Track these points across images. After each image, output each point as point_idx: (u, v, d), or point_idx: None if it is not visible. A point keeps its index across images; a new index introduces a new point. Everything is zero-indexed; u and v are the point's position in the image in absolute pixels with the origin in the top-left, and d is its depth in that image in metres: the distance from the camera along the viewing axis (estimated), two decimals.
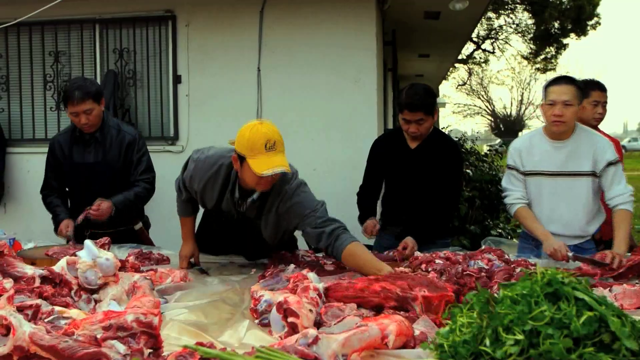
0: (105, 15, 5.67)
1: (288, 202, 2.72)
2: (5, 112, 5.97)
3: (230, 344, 1.74)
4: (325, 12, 5.25)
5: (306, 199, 2.75)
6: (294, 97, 5.25)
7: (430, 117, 3.34)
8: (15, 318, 1.34)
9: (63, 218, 3.46)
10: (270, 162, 2.54)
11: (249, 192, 2.74)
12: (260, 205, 2.78)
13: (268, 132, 2.56)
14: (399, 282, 2.04)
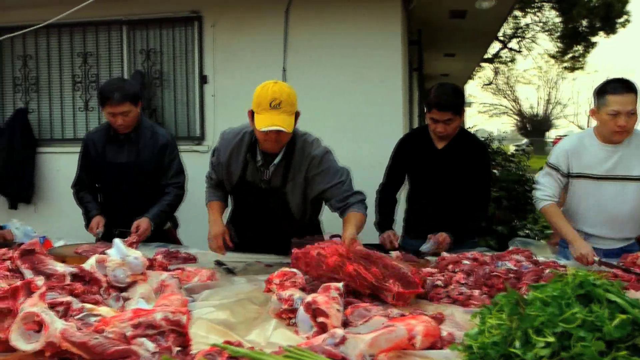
0: (132, 17, 5.73)
1: (317, 168, 2.90)
2: (35, 113, 6.07)
3: (257, 343, 1.74)
4: (350, 11, 5.25)
5: (334, 168, 2.96)
6: (319, 96, 5.25)
7: (458, 117, 3.32)
8: (47, 315, 1.36)
9: (94, 215, 3.51)
10: (271, 120, 2.67)
11: (271, 158, 2.90)
12: (284, 172, 2.92)
13: (277, 92, 2.70)
14: (373, 270, 2.18)
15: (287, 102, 2.71)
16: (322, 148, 2.97)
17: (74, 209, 3.83)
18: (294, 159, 2.91)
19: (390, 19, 5.20)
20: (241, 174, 3.00)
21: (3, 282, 1.79)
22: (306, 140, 2.96)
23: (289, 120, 2.72)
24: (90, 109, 5.93)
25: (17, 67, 6.14)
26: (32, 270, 1.91)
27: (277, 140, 2.80)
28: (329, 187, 2.93)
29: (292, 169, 2.92)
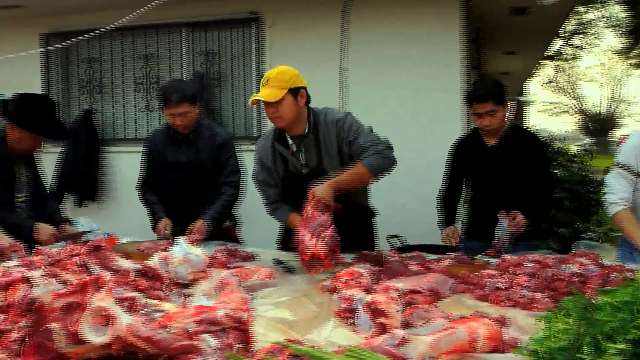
0: (192, 19, 5.84)
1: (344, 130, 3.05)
2: (100, 113, 6.26)
3: (316, 342, 1.75)
4: (408, 9, 5.21)
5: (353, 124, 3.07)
6: (376, 96, 5.23)
7: (501, 106, 3.27)
8: (115, 310, 1.39)
9: (161, 217, 3.60)
10: (258, 94, 2.98)
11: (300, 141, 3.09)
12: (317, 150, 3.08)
13: (268, 72, 3.01)
14: None
15: (275, 78, 2.97)
16: (342, 112, 3.16)
17: (135, 207, 3.94)
18: (320, 132, 3.09)
19: (448, 16, 5.14)
20: (284, 167, 3.15)
21: (72, 276, 1.85)
22: (327, 112, 3.16)
23: (273, 92, 2.94)
24: (151, 109, 6.08)
25: (82, 70, 6.35)
26: (99, 266, 1.97)
27: (276, 116, 3.00)
28: (353, 141, 3.03)
29: (322, 143, 3.08)
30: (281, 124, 3.06)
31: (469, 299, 2.24)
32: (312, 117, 3.13)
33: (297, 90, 3.02)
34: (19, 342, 1.57)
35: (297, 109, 3.04)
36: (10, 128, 3.30)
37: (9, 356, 1.50)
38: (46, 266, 1.95)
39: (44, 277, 1.79)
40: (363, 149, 2.98)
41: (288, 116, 3.02)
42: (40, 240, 3.18)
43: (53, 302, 1.46)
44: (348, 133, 3.05)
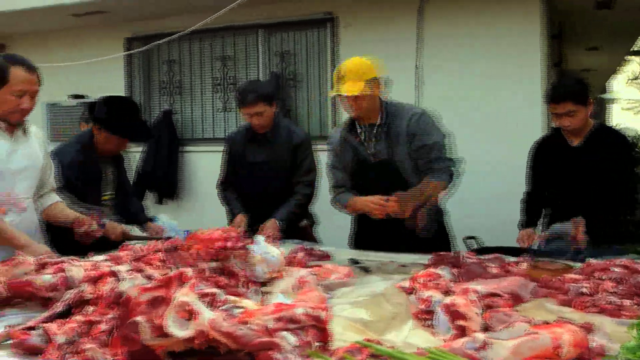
0: (268, 21, 5.92)
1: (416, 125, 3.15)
2: (179, 114, 6.44)
3: (393, 342, 1.73)
4: (486, 5, 5.10)
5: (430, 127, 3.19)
6: (454, 95, 5.14)
7: (582, 107, 3.13)
8: (198, 305, 1.43)
9: (238, 213, 3.68)
10: (335, 89, 3.11)
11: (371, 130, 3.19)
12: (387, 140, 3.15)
13: (344, 66, 3.13)
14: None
15: (351, 71, 3.08)
16: (419, 109, 3.26)
17: (213, 205, 4.03)
18: (392, 124, 3.17)
19: (529, 11, 5.00)
20: (352, 154, 3.26)
21: (156, 271, 1.92)
22: (403, 106, 3.27)
23: (352, 85, 3.04)
24: (228, 109, 6.21)
25: (163, 72, 6.56)
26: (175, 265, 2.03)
27: (357, 107, 3.13)
28: (421, 145, 3.15)
29: (393, 135, 3.16)
30: (358, 114, 3.17)
31: (551, 304, 2.17)
32: (386, 107, 3.21)
33: (373, 80, 3.11)
34: (108, 333, 1.63)
35: (374, 99, 3.14)
36: (97, 129, 3.44)
37: (98, 346, 1.56)
38: (132, 261, 2.03)
39: (130, 271, 1.86)
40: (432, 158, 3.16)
41: (366, 107, 3.13)
42: (111, 238, 3.31)
43: (139, 296, 1.51)
44: (420, 132, 3.14)
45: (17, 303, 2.05)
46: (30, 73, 2.77)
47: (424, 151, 3.16)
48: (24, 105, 2.77)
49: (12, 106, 2.75)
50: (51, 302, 1.98)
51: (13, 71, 2.73)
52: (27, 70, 2.77)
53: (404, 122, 3.17)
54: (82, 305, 1.85)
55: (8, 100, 2.74)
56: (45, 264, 2.14)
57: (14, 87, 2.72)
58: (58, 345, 1.59)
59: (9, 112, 2.78)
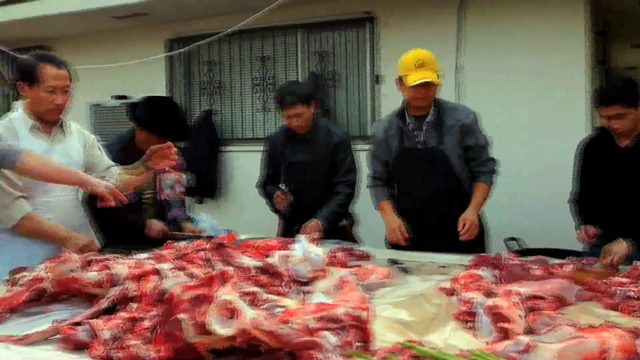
0: (307, 21, 5.94)
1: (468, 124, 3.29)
2: (219, 114, 6.51)
3: (435, 344, 1.72)
4: (528, 2, 5.00)
5: (479, 130, 3.36)
6: (495, 95, 5.06)
7: (632, 108, 3.02)
8: (240, 303, 1.44)
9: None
10: (419, 75, 3.16)
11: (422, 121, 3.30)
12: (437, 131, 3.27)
13: (419, 54, 3.25)
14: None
15: (430, 61, 3.22)
16: (471, 113, 3.36)
17: (253, 204, 4.06)
18: (444, 117, 3.29)
19: (573, 8, 4.88)
20: (399, 141, 3.35)
21: (198, 270, 1.94)
22: (455, 105, 3.46)
23: (433, 74, 3.18)
24: (267, 110, 6.24)
25: (203, 72, 6.63)
26: (222, 262, 2.05)
27: (427, 96, 3.24)
28: (474, 145, 3.32)
29: (444, 127, 3.28)
30: (423, 104, 3.28)
31: (597, 308, 2.12)
32: (437, 103, 3.34)
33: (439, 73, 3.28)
34: (151, 330, 1.66)
35: (435, 91, 3.29)
36: (139, 129, 3.51)
37: (142, 342, 1.59)
38: (174, 259, 2.05)
39: (172, 269, 1.89)
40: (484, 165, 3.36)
41: (430, 97, 3.27)
42: (151, 236, 3.37)
43: (182, 294, 1.53)
44: (473, 131, 3.30)
45: (63, 299, 2.10)
46: (59, 68, 2.84)
47: (476, 152, 3.33)
48: (57, 101, 2.84)
49: (47, 104, 2.83)
50: (96, 299, 2.03)
51: (43, 69, 2.80)
52: (57, 66, 2.84)
53: (458, 119, 3.29)
54: (127, 302, 1.89)
55: (42, 98, 2.82)
56: (91, 261, 2.19)
57: (45, 83, 2.80)
58: (104, 340, 1.63)
59: (45, 111, 2.86)
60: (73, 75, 2.94)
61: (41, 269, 2.14)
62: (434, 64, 3.23)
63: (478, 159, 3.36)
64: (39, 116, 2.89)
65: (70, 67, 2.92)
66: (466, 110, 3.40)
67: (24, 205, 2.79)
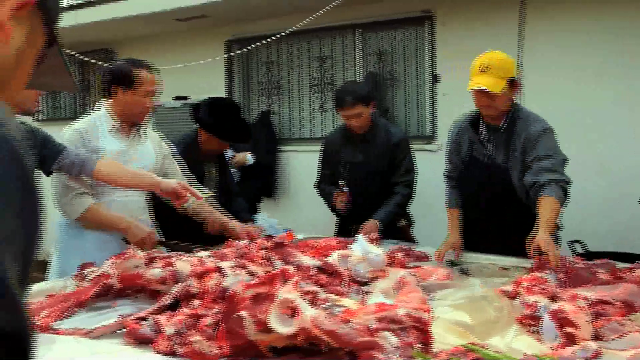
0: (365, 20, 5.92)
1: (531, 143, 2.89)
2: (277, 114, 6.57)
3: (497, 348, 1.69)
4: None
5: (546, 144, 2.89)
6: (560, 93, 4.91)
7: None
8: (300, 302, 1.45)
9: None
10: (477, 80, 2.85)
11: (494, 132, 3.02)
12: (505, 146, 2.98)
13: (486, 58, 2.89)
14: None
15: (496, 66, 2.84)
16: (543, 125, 2.97)
17: (310, 204, 4.08)
18: (515, 133, 2.96)
19: (638, 4, 4.70)
20: (468, 148, 3.12)
21: (258, 269, 1.96)
22: (530, 116, 3.01)
23: (495, 82, 2.82)
24: (325, 109, 6.25)
25: (261, 73, 6.70)
26: (282, 261, 2.07)
27: (491, 106, 2.92)
28: (531, 159, 2.90)
29: (512, 144, 2.97)
30: (491, 114, 2.99)
31: None
32: (512, 112, 3.01)
33: (514, 81, 2.93)
34: (213, 327, 1.69)
35: (508, 100, 2.96)
36: (201, 130, 3.58)
37: (204, 338, 1.62)
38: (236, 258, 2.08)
39: (233, 267, 1.91)
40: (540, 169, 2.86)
41: (502, 108, 2.96)
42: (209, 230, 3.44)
43: (244, 292, 1.56)
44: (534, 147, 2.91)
45: (129, 294, 2.16)
46: (153, 74, 2.96)
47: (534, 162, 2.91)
48: (149, 104, 2.97)
49: (140, 107, 2.95)
50: (160, 295, 2.08)
51: (140, 74, 2.91)
52: (150, 71, 2.96)
53: (522, 137, 2.95)
54: (189, 298, 1.93)
55: (136, 102, 2.95)
56: (155, 258, 2.24)
57: (141, 88, 2.92)
58: (168, 336, 1.66)
59: (137, 113, 2.98)
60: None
61: (108, 265, 2.21)
62: (502, 69, 2.86)
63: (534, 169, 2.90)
64: (128, 118, 3.01)
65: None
66: (535, 121, 2.98)
67: (86, 198, 2.89)
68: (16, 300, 0.56)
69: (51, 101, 8.37)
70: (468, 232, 3.15)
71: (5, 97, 0.75)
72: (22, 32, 0.72)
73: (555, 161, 2.87)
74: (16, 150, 0.58)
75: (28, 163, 0.60)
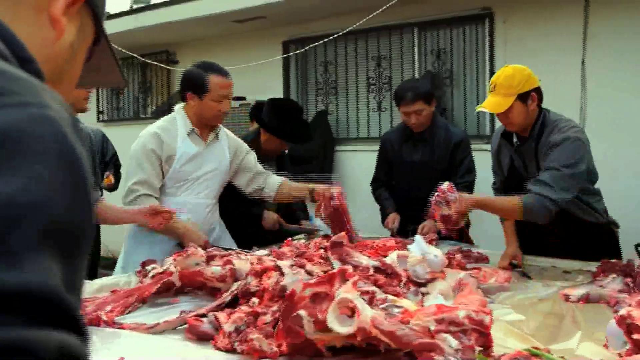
0: (423, 19, 5.85)
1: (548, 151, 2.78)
2: (334, 114, 6.57)
3: (561, 353, 1.64)
4: None
5: (562, 153, 2.71)
6: (623, 95, 4.74)
7: None
8: (360, 302, 1.45)
9: (391, 212, 3.71)
10: (485, 102, 2.84)
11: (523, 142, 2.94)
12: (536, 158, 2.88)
13: (495, 76, 2.85)
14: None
15: (502, 84, 2.79)
16: (565, 134, 2.76)
17: (367, 203, 4.06)
18: (540, 143, 2.87)
19: None
20: (510, 160, 3.06)
21: (317, 268, 1.97)
22: (557, 125, 2.86)
23: (498, 102, 2.78)
24: (383, 109, 6.22)
25: (319, 73, 6.72)
26: (339, 260, 2.07)
27: (508, 122, 2.86)
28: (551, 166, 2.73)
29: (539, 154, 2.89)
30: (512, 128, 2.93)
31: None
32: (540, 123, 2.88)
33: (527, 94, 2.80)
34: (272, 325, 1.71)
35: (528, 113, 2.83)
36: (263, 130, 3.63)
37: (263, 336, 1.63)
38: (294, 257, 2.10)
39: (292, 266, 1.93)
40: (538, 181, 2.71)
41: (518, 122, 2.86)
42: (266, 227, 3.47)
43: (303, 291, 1.56)
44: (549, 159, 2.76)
45: (189, 291, 2.21)
46: (226, 78, 3.00)
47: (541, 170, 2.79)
48: (224, 108, 3.00)
49: (214, 111, 2.99)
50: (219, 292, 2.11)
51: (212, 79, 2.95)
52: (223, 75, 2.99)
53: (547, 144, 2.82)
54: (248, 296, 1.95)
55: (210, 107, 2.99)
56: (214, 256, 2.28)
57: (214, 93, 2.95)
58: (228, 333, 1.69)
59: (211, 117, 3.02)
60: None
61: (170, 262, 2.25)
62: (507, 86, 2.77)
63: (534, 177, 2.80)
64: (205, 122, 3.06)
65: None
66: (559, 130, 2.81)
67: (147, 200, 2.95)
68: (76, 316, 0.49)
69: (115, 102, 8.61)
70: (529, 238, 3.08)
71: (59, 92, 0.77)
72: (74, 28, 0.73)
73: (557, 174, 2.68)
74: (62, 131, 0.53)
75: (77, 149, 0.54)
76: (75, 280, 0.51)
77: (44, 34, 0.70)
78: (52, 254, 0.48)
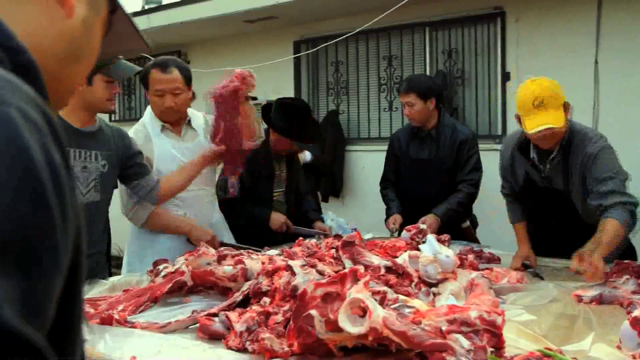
0: (434, 18, 5.84)
1: (590, 164, 2.72)
2: (345, 114, 6.57)
3: (574, 354, 1.63)
4: None
5: (607, 164, 2.72)
6: (637, 96, 4.70)
7: None
8: (371, 302, 1.44)
9: (394, 212, 3.70)
10: (538, 120, 2.62)
11: (546, 155, 2.83)
12: (564, 171, 2.80)
13: (536, 90, 2.64)
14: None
15: (549, 97, 2.64)
16: (599, 144, 2.77)
17: (377, 204, 4.05)
18: (570, 156, 2.79)
19: None
20: (525, 175, 2.97)
21: (328, 268, 1.97)
22: (586, 135, 2.81)
23: (556, 115, 2.64)
24: (394, 109, 6.21)
25: (330, 73, 6.71)
26: (351, 260, 2.07)
27: (552, 138, 2.74)
28: (591, 181, 2.73)
29: (570, 167, 2.81)
30: (552, 145, 2.80)
31: None
32: (569, 135, 2.81)
33: (565, 105, 2.72)
34: (283, 324, 1.71)
35: (567, 123, 2.75)
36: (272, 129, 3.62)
37: (275, 336, 1.64)
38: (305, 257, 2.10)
39: (304, 266, 1.93)
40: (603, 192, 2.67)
41: (562, 134, 2.76)
42: (272, 228, 3.47)
43: (314, 291, 1.56)
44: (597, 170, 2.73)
45: (201, 290, 2.21)
46: (164, 73, 2.98)
47: (593, 183, 2.74)
48: (167, 104, 2.99)
49: (158, 106, 3.01)
50: (231, 292, 2.12)
51: (151, 74, 2.98)
52: (162, 70, 2.98)
53: (579, 160, 2.77)
54: (259, 296, 1.95)
55: (154, 102, 3.03)
56: (226, 256, 2.29)
57: (151, 88, 2.99)
58: (239, 332, 1.69)
59: (158, 113, 3.05)
60: (188, 76, 3.04)
61: (181, 262, 2.26)
62: (555, 98, 2.65)
63: (597, 192, 2.72)
64: (160, 118, 3.08)
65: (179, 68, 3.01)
66: (591, 141, 2.78)
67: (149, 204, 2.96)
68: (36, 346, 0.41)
69: (127, 102, 8.66)
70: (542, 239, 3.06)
71: (82, 68, 0.76)
72: (84, 3, 0.73)
73: (617, 181, 2.70)
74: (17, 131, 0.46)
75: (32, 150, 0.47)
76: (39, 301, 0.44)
77: (53, 14, 0.69)
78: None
